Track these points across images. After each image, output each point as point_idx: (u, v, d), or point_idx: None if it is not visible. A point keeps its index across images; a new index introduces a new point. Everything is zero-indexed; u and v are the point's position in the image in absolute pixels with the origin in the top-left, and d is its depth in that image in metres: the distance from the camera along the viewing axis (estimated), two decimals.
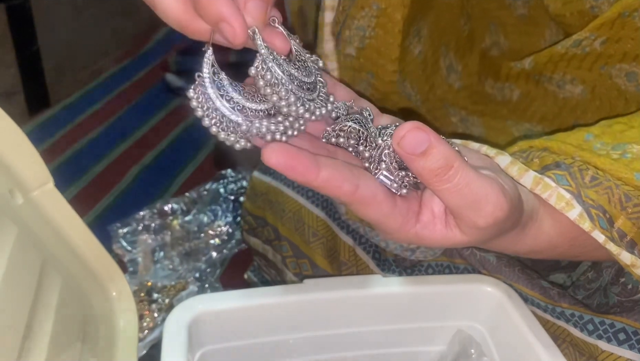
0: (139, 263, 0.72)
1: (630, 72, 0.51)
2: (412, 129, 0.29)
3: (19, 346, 0.34)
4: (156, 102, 1.20)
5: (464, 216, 0.31)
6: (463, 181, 0.30)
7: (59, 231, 0.41)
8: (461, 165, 0.30)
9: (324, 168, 0.29)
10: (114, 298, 0.45)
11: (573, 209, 0.36)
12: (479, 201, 0.30)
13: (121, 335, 0.44)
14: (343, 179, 0.30)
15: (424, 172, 0.30)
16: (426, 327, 0.48)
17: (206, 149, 1.06)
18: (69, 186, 0.94)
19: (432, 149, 0.29)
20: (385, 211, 0.31)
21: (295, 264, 0.61)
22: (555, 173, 0.37)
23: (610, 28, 0.49)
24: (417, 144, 0.29)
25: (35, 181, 0.39)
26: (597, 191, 0.37)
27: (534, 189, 0.36)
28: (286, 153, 0.28)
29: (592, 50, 0.52)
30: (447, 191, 0.30)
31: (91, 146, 1.06)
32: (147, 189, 0.92)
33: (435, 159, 0.29)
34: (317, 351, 0.48)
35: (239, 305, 0.44)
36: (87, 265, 0.43)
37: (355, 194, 0.30)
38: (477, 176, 0.31)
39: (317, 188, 0.29)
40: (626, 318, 0.43)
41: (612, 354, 0.43)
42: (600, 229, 0.36)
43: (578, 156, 0.39)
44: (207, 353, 0.45)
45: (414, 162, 0.30)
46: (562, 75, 0.56)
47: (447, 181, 0.30)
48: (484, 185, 0.31)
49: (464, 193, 0.30)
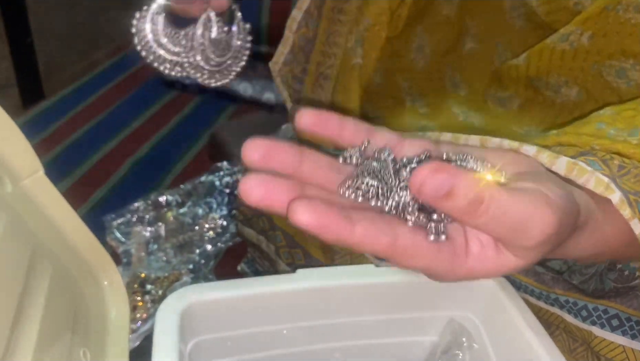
0: (133, 255, 0.72)
1: (619, 68, 0.51)
2: (429, 175, 0.26)
3: (7, 336, 0.33)
4: (151, 95, 1.20)
5: (510, 241, 0.29)
6: (499, 210, 0.27)
7: (50, 219, 0.40)
8: (493, 195, 0.27)
9: (357, 223, 0.26)
10: (106, 287, 0.45)
11: (614, 194, 0.33)
12: (523, 224, 0.27)
13: (112, 325, 0.44)
14: (380, 232, 0.27)
15: (454, 212, 0.27)
16: (419, 317, 0.48)
17: (201, 142, 1.05)
18: (63, 179, 0.94)
19: (456, 188, 0.26)
20: (431, 257, 0.28)
21: (288, 254, 0.61)
22: (587, 159, 0.35)
23: (596, 22, 0.49)
24: (439, 188, 0.26)
25: (25, 169, 0.38)
26: (628, 179, 0.35)
27: (569, 175, 0.34)
28: (316, 211, 0.25)
29: (579, 45, 0.52)
30: (485, 225, 0.27)
31: (86, 138, 1.06)
32: (141, 182, 0.91)
33: (462, 198, 0.26)
34: (310, 341, 0.48)
35: (231, 295, 0.44)
36: (78, 254, 0.43)
37: (395, 247, 0.27)
38: (514, 199, 0.27)
39: (353, 245, 0.26)
40: (620, 303, 0.43)
41: (604, 340, 0.43)
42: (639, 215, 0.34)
43: (597, 145, 0.37)
44: (199, 342, 0.45)
45: (440, 205, 0.26)
46: (556, 77, 0.56)
47: (481, 216, 0.27)
48: (525, 206, 0.27)
49: (503, 222, 0.27)
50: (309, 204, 0.26)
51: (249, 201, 0.27)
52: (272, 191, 0.27)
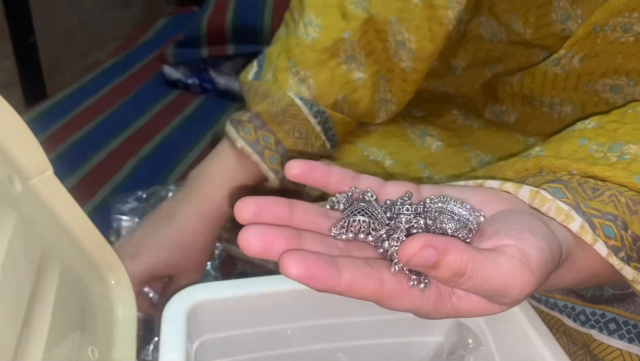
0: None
1: (614, 85, 0.52)
2: (418, 251, 0.27)
3: (19, 334, 0.34)
4: (154, 95, 1.20)
5: (492, 299, 0.31)
6: (481, 279, 0.28)
7: (58, 218, 0.40)
8: (475, 266, 0.28)
9: (344, 271, 0.28)
10: (113, 286, 0.45)
11: (574, 221, 0.34)
12: (503, 289, 0.29)
13: (120, 322, 0.45)
14: (367, 278, 0.28)
15: (439, 279, 0.29)
16: None
17: (204, 142, 1.06)
18: (66, 178, 0.94)
19: (441, 262, 0.28)
20: (416, 300, 0.30)
21: None
22: (550, 186, 0.36)
23: (585, 44, 0.51)
24: (426, 260, 0.27)
25: (34, 168, 0.39)
26: (602, 200, 0.35)
27: (532, 203, 0.35)
28: (305, 262, 0.27)
29: (571, 69, 0.53)
30: (468, 290, 0.29)
31: (88, 138, 1.06)
32: (144, 181, 0.91)
33: (447, 269, 0.28)
34: (315, 341, 0.48)
35: (237, 294, 0.44)
36: (86, 253, 0.43)
37: (382, 290, 0.29)
38: (495, 269, 0.29)
39: (341, 293, 0.28)
40: (617, 308, 0.43)
41: (603, 343, 0.43)
42: (604, 239, 0.34)
43: (575, 170, 0.38)
44: (205, 341, 0.45)
45: (427, 272, 0.29)
46: (550, 98, 0.57)
47: (464, 283, 0.29)
48: (506, 274, 0.29)
49: (485, 289, 0.29)
50: (298, 256, 0.27)
51: (248, 252, 0.28)
52: (270, 242, 0.28)
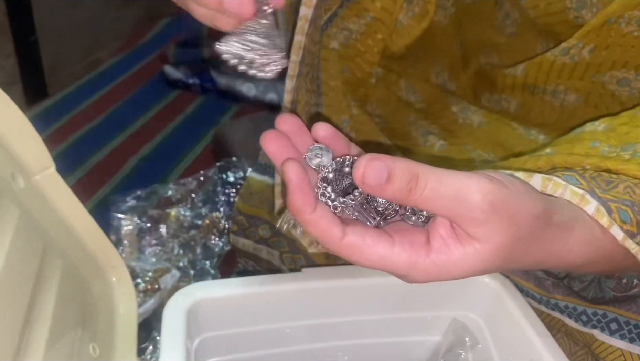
0: (125, 246, 0.72)
1: (622, 78, 0.52)
2: (368, 164, 0.29)
3: (20, 331, 0.34)
4: (155, 94, 1.20)
5: (459, 216, 0.30)
6: (436, 181, 0.30)
7: (60, 215, 0.41)
8: (427, 170, 0.30)
9: (320, 207, 0.31)
10: (114, 283, 0.46)
11: (589, 204, 0.34)
12: (462, 193, 0.30)
13: (121, 320, 0.45)
14: (334, 225, 0.31)
15: (398, 194, 0.30)
16: (422, 316, 0.49)
17: (205, 141, 1.06)
18: (66, 177, 0.93)
19: (394, 170, 0.29)
20: (383, 252, 0.31)
21: (291, 260, 0.62)
22: (563, 174, 0.36)
23: (597, 35, 0.50)
24: (379, 174, 0.29)
25: (37, 165, 0.39)
26: (617, 191, 0.35)
27: (545, 190, 0.35)
28: (299, 175, 0.31)
29: (581, 59, 0.53)
30: (426, 199, 0.30)
31: (89, 137, 1.06)
32: (145, 180, 0.91)
33: (400, 177, 0.29)
34: (314, 339, 0.49)
35: (238, 293, 0.45)
36: (88, 250, 0.43)
37: (343, 241, 0.31)
38: (449, 173, 0.30)
39: (308, 222, 0.31)
40: (618, 308, 0.43)
41: (604, 343, 0.43)
42: (620, 223, 0.34)
43: (588, 165, 0.38)
44: (205, 340, 0.45)
45: (385, 192, 0.30)
46: (554, 86, 0.57)
47: (421, 190, 0.29)
48: (459, 178, 0.30)
49: (442, 193, 0.30)
50: (298, 166, 0.31)
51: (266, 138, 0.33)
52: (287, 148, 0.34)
